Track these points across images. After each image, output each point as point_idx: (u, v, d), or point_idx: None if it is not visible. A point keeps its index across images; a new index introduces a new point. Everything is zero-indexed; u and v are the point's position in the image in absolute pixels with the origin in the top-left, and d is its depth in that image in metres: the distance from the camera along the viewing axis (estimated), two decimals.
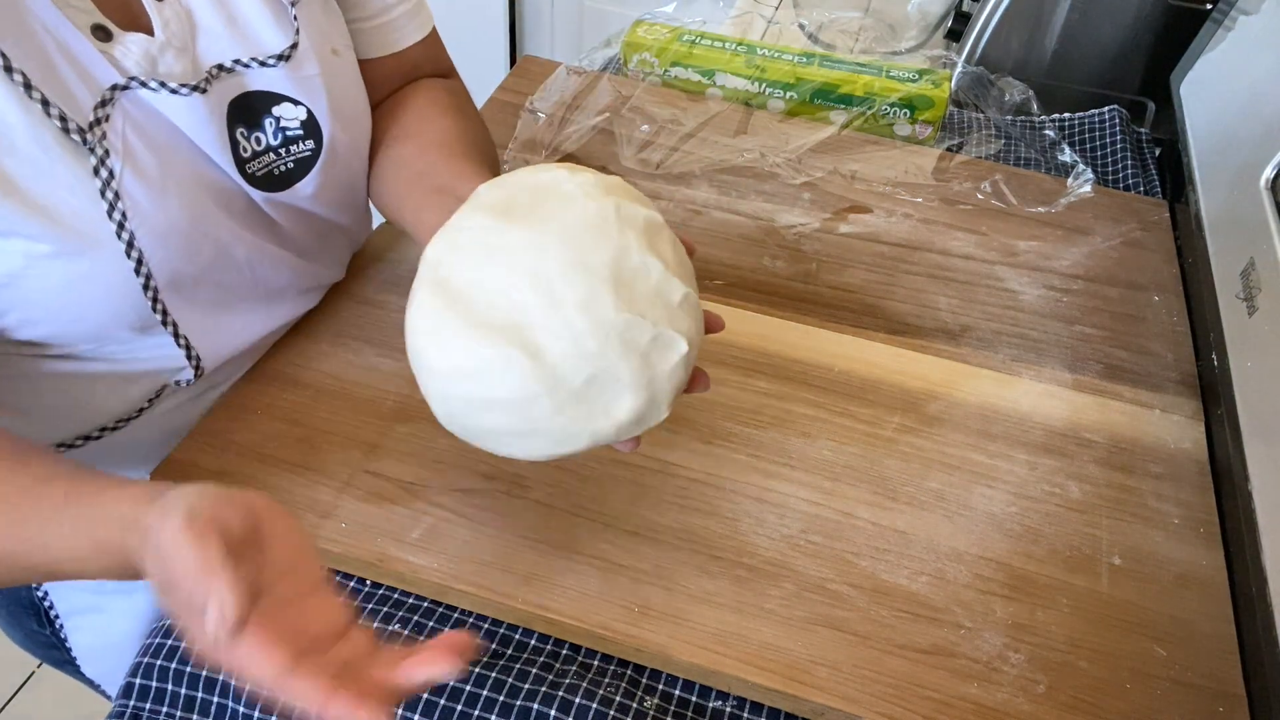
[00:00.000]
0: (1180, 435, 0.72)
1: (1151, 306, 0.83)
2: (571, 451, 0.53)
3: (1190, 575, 0.63)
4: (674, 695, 0.58)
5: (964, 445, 0.70)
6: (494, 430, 0.52)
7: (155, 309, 0.59)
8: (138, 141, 0.56)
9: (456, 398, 0.52)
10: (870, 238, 0.88)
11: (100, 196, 0.54)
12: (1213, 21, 0.96)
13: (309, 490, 0.63)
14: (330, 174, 0.66)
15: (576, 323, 0.48)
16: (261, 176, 0.63)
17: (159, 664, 0.58)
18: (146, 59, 0.56)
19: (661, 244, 0.52)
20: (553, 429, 0.51)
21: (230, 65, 0.60)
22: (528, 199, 0.52)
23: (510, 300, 0.49)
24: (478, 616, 0.61)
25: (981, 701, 0.56)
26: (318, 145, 0.65)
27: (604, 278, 0.49)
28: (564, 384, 0.49)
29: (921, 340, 0.78)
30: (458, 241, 0.52)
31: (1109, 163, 1.02)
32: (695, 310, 0.53)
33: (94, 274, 0.55)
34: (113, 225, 0.55)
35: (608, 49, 1.11)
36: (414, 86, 0.76)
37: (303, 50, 0.63)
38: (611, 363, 0.49)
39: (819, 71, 1.01)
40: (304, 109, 0.63)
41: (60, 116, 0.52)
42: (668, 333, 0.50)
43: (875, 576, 0.61)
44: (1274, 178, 0.72)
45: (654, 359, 0.50)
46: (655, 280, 0.50)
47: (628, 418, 0.51)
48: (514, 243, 0.50)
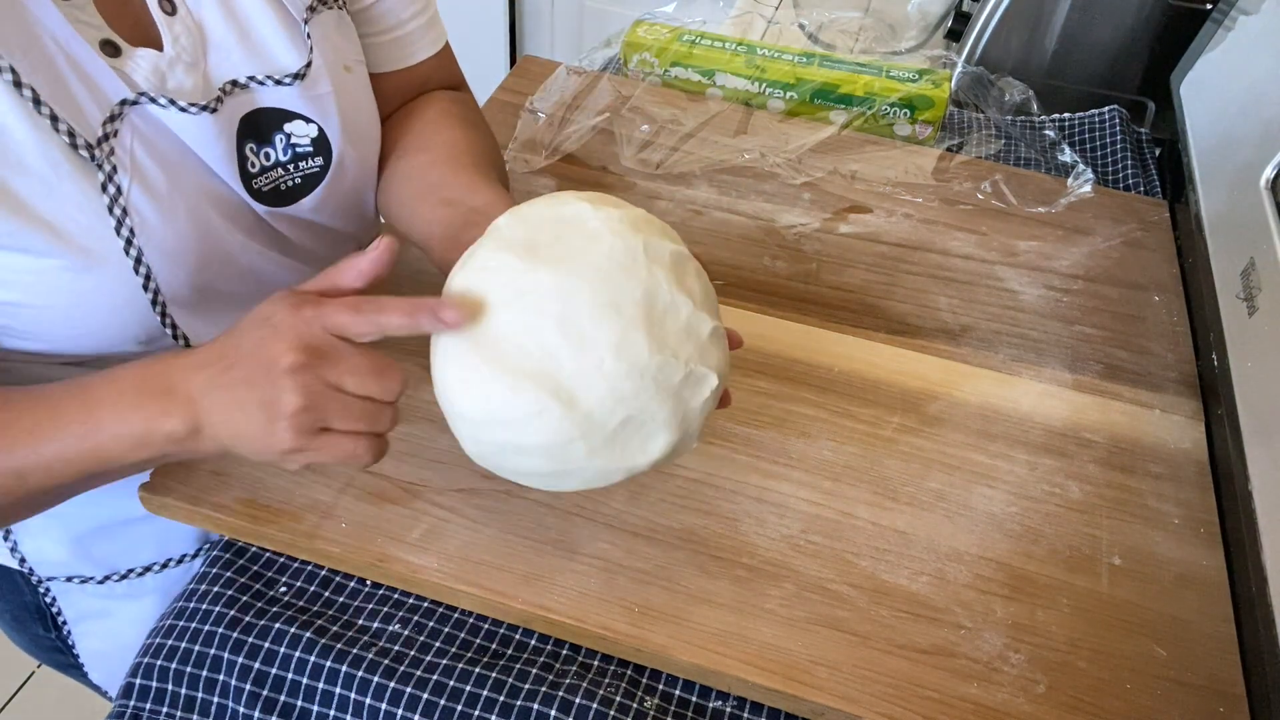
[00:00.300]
0: (1180, 435, 0.72)
1: (1151, 306, 0.83)
2: (605, 486, 0.53)
3: (1190, 575, 0.63)
4: (674, 695, 0.58)
5: (964, 445, 0.70)
6: (528, 472, 0.52)
7: (164, 322, 0.59)
8: (145, 157, 0.55)
9: (489, 442, 0.51)
10: (870, 238, 0.88)
11: (108, 212, 0.54)
12: (1213, 21, 0.96)
13: (309, 490, 0.63)
14: (336, 189, 0.66)
15: (610, 367, 0.47)
16: (268, 192, 0.63)
17: (159, 664, 0.58)
18: (156, 74, 0.56)
19: (689, 278, 0.51)
20: (587, 469, 0.51)
21: (244, 82, 0.60)
22: (550, 235, 0.50)
23: (541, 346, 0.48)
24: (478, 616, 0.61)
25: (981, 701, 0.56)
26: (326, 162, 0.65)
27: (635, 319, 0.48)
28: (599, 429, 0.49)
29: (921, 340, 0.78)
30: (482, 282, 0.50)
31: (1109, 163, 1.02)
32: (722, 341, 0.53)
33: (101, 289, 0.55)
34: (121, 241, 0.55)
35: (608, 49, 1.11)
36: (425, 99, 0.76)
37: (316, 68, 0.63)
38: (646, 404, 0.49)
39: (819, 71, 1.01)
40: (315, 127, 0.63)
41: (69, 132, 0.52)
42: (699, 369, 0.50)
43: (875, 576, 0.61)
44: (1274, 178, 0.72)
45: (686, 395, 0.50)
46: (685, 317, 0.49)
47: (662, 454, 0.51)
48: (541, 285, 0.48)
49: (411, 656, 0.58)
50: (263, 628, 0.58)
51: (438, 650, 0.59)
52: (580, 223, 0.51)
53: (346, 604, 0.61)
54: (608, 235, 0.50)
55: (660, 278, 0.49)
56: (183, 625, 0.59)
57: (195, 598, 0.60)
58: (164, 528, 0.69)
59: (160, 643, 0.59)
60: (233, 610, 0.59)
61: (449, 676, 0.57)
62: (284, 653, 0.57)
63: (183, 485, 0.63)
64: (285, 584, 0.62)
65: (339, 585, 0.62)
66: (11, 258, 0.52)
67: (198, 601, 0.60)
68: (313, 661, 0.57)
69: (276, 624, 0.58)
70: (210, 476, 0.63)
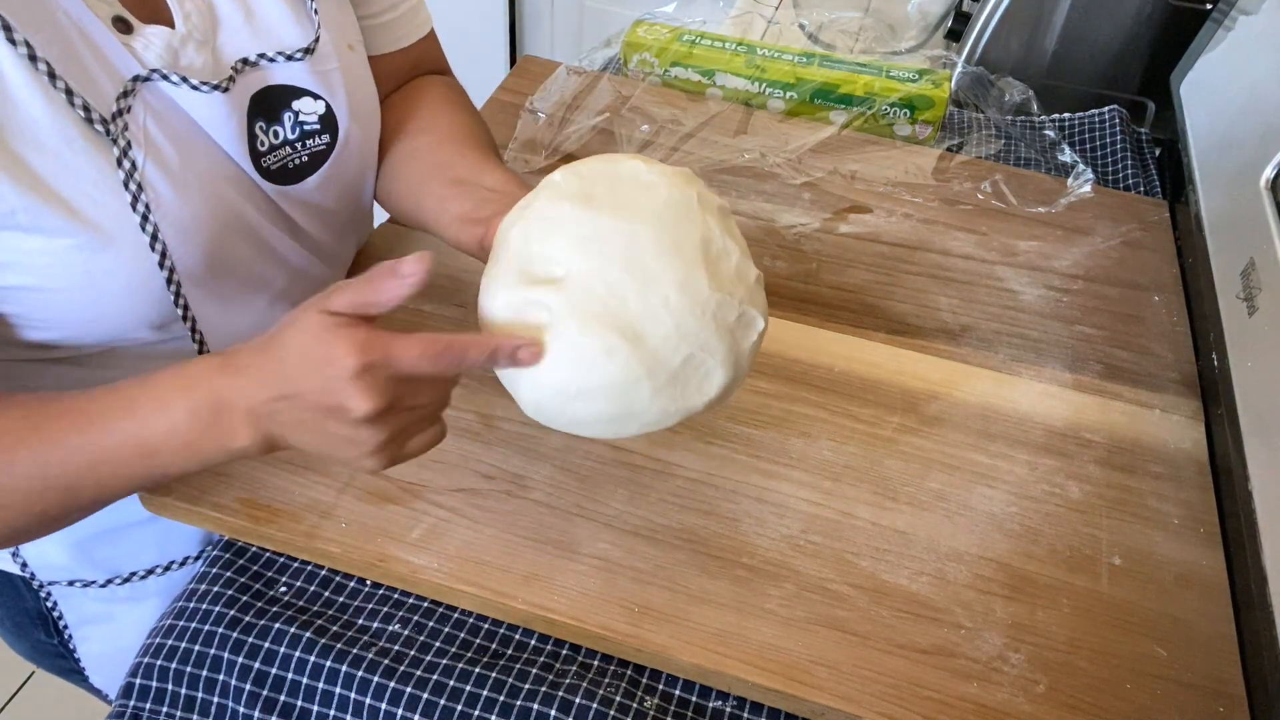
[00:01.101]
0: (1180, 435, 0.72)
1: (1151, 306, 0.83)
2: (660, 429, 0.54)
3: (1190, 575, 0.63)
4: (674, 695, 0.58)
5: (964, 445, 0.70)
6: (588, 419, 0.53)
7: (178, 303, 0.59)
8: (158, 133, 0.56)
9: (550, 386, 0.51)
10: (870, 238, 0.88)
11: (124, 188, 0.54)
12: (1213, 21, 0.96)
13: (309, 490, 0.63)
14: (340, 169, 0.67)
15: (675, 303, 0.49)
16: (275, 170, 0.63)
17: (159, 664, 0.58)
18: (168, 51, 0.56)
19: (734, 229, 0.54)
20: (649, 411, 0.52)
21: (254, 60, 0.60)
22: (605, 187, 0.52)
23: (608, 287, 0.49)
24: (478, 616, 0.61)
25: (981, 701, 0.56)
26: (333, 139, 0.65)
27: (696, 259, 0.50)
28: (663, 367, 0.50)
29: (921, 340, 0.78)
30: (542, 231, 0.51)
31: (1109, 163, 1.02)
32: (763, 289, 0.54)
33: (116, 268, 0.55)
34: (136, 217, 0.55)
35: (608, 49, 1.11)
36: (421, 82, 0.77)
37: (324, 44, 0.64)
38: (707, 340, 0.50)
39: (819, 71, 1.01)
40: (323, 103, 0.64)
41: (84, 106, 0.52)
42: (750, 310, 0.52)
43: (875, 576, 0.61)
44: (1274, 178, 0.72)
45: (739, 335, 0.52)
46: (735, 261, 0.52)
47: (718, 393, 0.52)
48: (604, 229, 0.50)
49: (411, 656, 0.58)
50: (263, 628, 0.58)
51: (438, 650, 0.59)
52: (635, 176, 0.53)
53: (346, 604, 0.61)
54: (664, 186, 0.52)
55: (713, 225, 0.52)
56: (183, 625, 0.59)
57: (195, 598, 0.60)
58: (165, 530, 0.69)
59: (160, 643, 0.59)
60: (233, 610, 0.59)
61: (449, 676, 0.57)
62: (284, 653, 0.57)
63: (182, 485, 0.63)
64: (285, 584, 0.62)
65: (339, 585, 0.62)
66: (26, 239, 0.52)
67: (198, 601, 0.60)
68: (313, 661, 0.57)
69: (276, 624, 0.58)
70: (210, 476, 0.63)
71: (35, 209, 0.51)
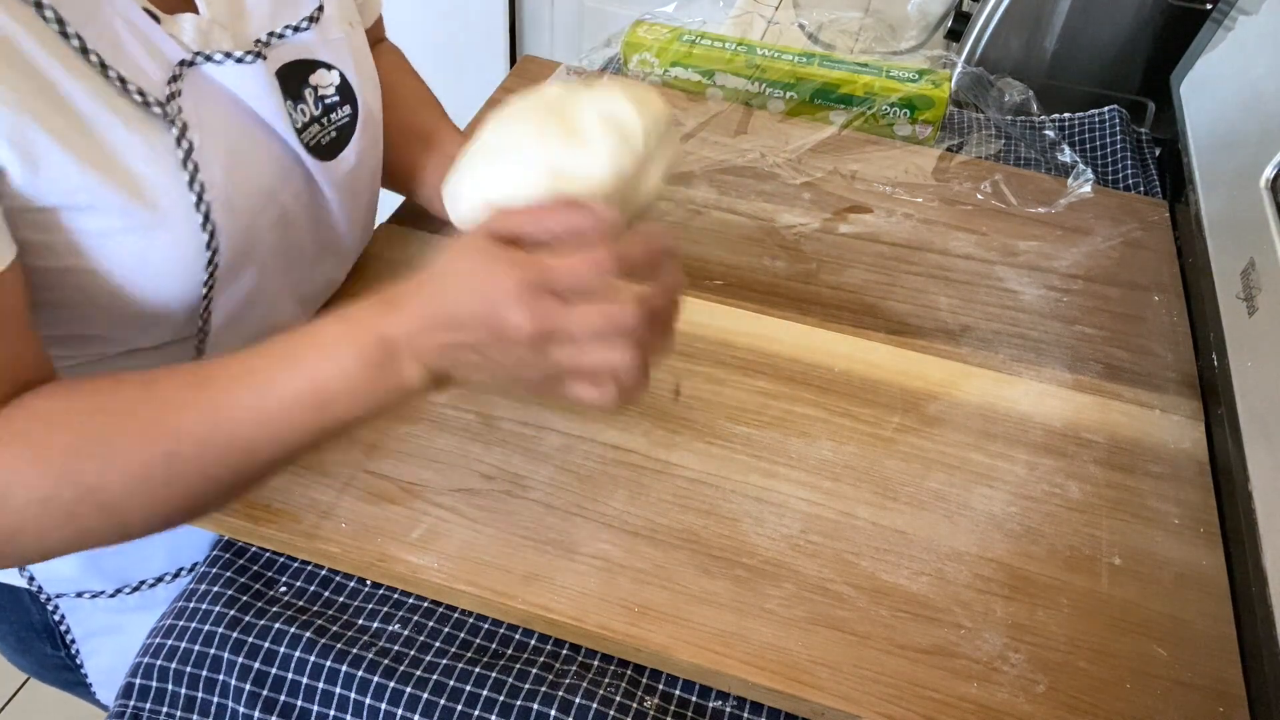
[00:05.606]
0: (1180, 435, 0.72)
1: (1151, 306, 0.83)
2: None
3: (1190, 575, 0.63)
4: (674, 695, 0.58)
5: (964, 445, 0.70)
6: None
7: (205, 294, 0.59)
8: (207, 114, 0.57)
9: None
10: (870, 238, 0.88)
11: (181, 168, 0.55)
12: (1213, 21, 0.96)
13: (309, 490, 0.63)
14: (367, 140, 0.68)
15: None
16: (313, 147, 0.64)
17: (159, 664, 0.58)
18: (200, 35, 0.57)
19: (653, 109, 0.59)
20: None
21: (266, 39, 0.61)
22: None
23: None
24: (478, 616, 0.61)
25: (981, 701, 0.56)
26: (354, 110, 0.66)
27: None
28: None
29: (921, 340, 0.78)
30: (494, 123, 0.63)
31: (1109, 163, 1.02)
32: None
33: (165, 249, 0.56)
34: (192, 196, 0.55)
35: (608, 49, 1.11)
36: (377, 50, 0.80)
37: (329, 13, 0.65)
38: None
39: (819, 71, 1.01)
40: (337, 73, 0.65)
41: (139, 91, 0.53)
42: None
43: (875, 576, 0.61)
44: (1274, 178, 0.72)
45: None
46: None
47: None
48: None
49: (411, 656, 0.58)
50: (263, 628, 0.58)
51: (438, 650, 0.59)
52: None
53: (346, 604, 0.61)
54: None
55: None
56: (183, 625, 0.59)
57: (195, 598, 0.60)
58: (174, 536, 0.69)
59: (160, 643, 0.59)
60: (233, 610, 0.59)
61: (449, 676, 0.57)
62: (284, 653, 0.57)
63: None
64: (285, 584, 0.62)
65: (339, 585, 0.62)
66: (82, 218, 0.53)
67: (198, 601, 0.60)
68: (313, 661, 0.57)
69: (276, 624, 0.58)
70: None
71: (95, 187, 0.52)
